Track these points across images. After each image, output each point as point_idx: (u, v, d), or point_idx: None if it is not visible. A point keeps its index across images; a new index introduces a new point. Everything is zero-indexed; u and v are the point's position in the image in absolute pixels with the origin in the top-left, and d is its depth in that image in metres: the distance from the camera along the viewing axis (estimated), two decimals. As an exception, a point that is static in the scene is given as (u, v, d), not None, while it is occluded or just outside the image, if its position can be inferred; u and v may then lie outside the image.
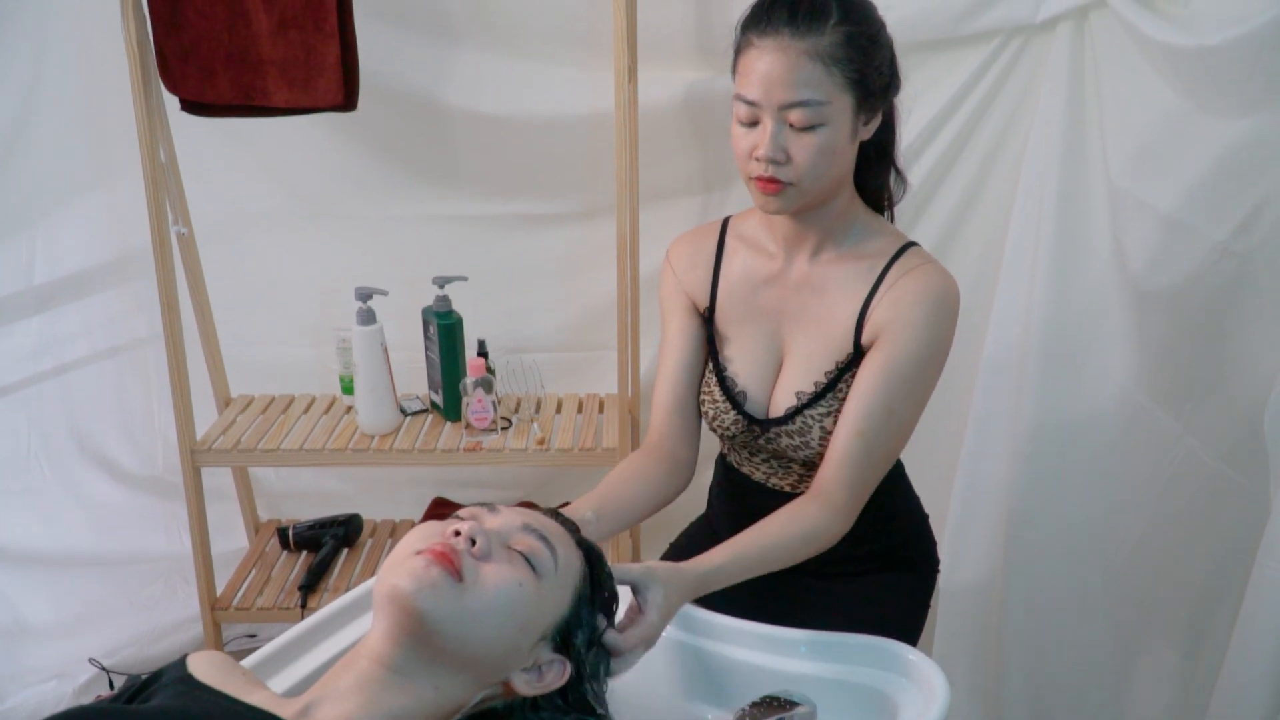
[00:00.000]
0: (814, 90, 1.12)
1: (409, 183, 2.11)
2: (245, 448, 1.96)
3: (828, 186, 1.19)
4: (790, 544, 1.17)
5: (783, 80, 1.12)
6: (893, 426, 1.21)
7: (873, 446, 1.20)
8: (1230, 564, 1.53)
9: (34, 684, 2.06)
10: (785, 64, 1.11)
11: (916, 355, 1.20)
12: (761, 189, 1.17)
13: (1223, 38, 1.36)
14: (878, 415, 1.20)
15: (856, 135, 1.19)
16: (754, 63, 1.14)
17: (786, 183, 1.16)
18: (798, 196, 1.17)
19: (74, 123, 2.08)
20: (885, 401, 1.19)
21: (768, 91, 1.13)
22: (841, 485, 1.20)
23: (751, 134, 1.16)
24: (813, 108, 1.12)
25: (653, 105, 1.88)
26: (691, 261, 1.35)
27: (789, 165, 1.15)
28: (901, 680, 1.10)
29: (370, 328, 1.93)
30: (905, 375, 1.20)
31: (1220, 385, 1.52)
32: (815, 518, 1.18)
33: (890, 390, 1.19)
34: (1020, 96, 1.81)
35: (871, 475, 1.22)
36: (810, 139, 1.13)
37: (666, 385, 1.36)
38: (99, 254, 2.21)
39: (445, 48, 1.97)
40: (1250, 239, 1.41)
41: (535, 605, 0.88)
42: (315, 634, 1.13)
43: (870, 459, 1.21)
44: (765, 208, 1.20)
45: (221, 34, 1.72)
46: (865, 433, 1.20)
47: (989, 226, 1.89)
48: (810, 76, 1.11)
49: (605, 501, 1.21)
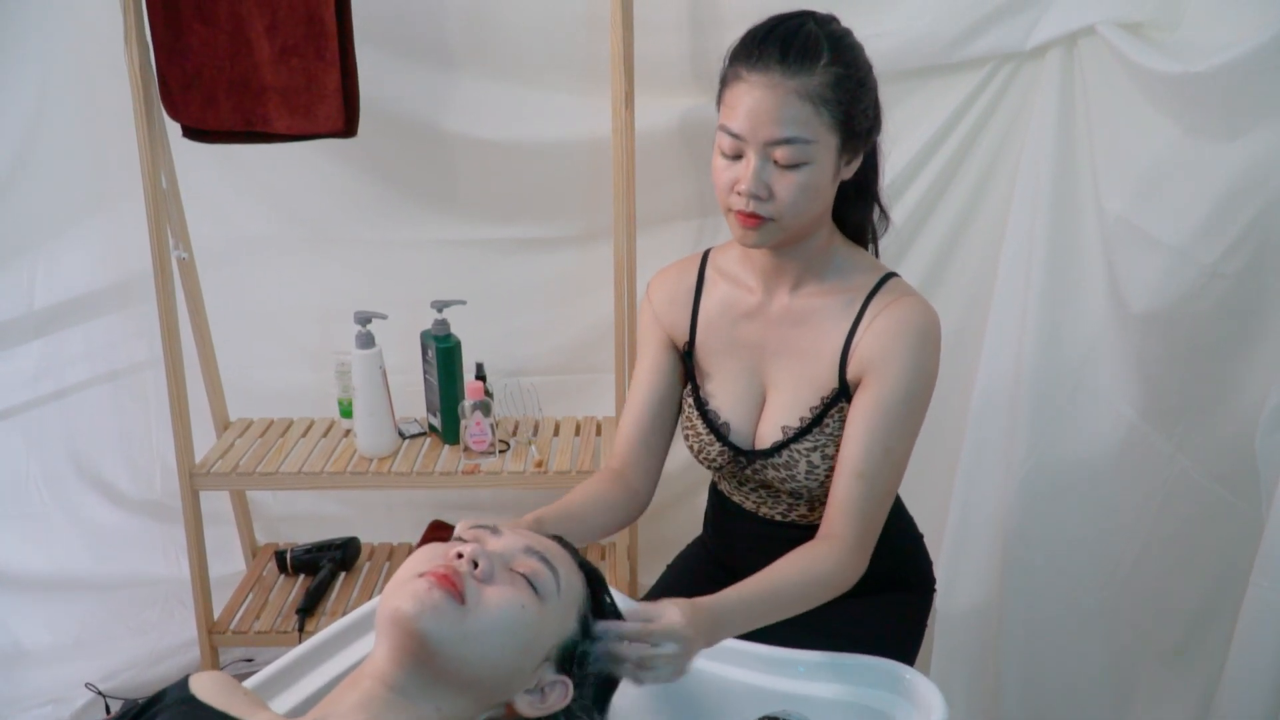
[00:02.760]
0: (801, 129, 1.12)
1: (408, 207, 2.12)
2: (243, 471, 1.96)
3: (807, 224, 1.20)
4: (808, 589, 1.16)
5: (770, 117, 1.12)
6: (891, 462, 1.21)
7: (875, 486, 1.20)
8: (1225, 583, 1.53)
9: (30, 709, 2.05)
10: (774, 101, 1.12)
11: (906, 391, 1.20)
12: (741, 222, 1.18)
13: (1210, 64, 1.38)
14: (876, 455, 1.20)
15: (838, 175, 1.19)
16: (742, 96, 1.14)
17: (767, 218, 1.16)
18: (777, 231, 1.18)
19: (76, 148, 2.09)
20: (882, 440, 1.20)
21: (754, 127, 1.13)
22: (850, 529, 1.20)
23: (734, 167, 1.16)
24: (799, 146, 1.13)
25: (649, 131, 1.89)
26: (671, 297, 1.36)
27: (771, 201, 1.15)
28: (899, 700, 1.11)
29: (369, 351, 1.94)
30: (898, 412, 1.20)
31: (1212, 406, 1.53)
32: (829, 561, 1.18)
33: (886, 429, 1.20)
34: (1011, 123, 1.83)
35: (877, 514, 1.22)
36: (794, 176, 1.14)
37: (632, 418, 1.36)
38: (100, 278, 2.21)
39: (444, 74, 1.99)
40: (1240, 261, 1.43)
41: (538, 627, 0.89)
42: (315, 656, 1.14)
43: (874, 498, 1.21)
44: (744, 241, 1.20)
45: (223, 61, 1.74)
46: (866, 474, 1.20)
47: (982, 250, 1.91)
48: (798, 115, 1.12)
49: (565, 517, 1.20)
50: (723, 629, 1.07)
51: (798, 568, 1.16)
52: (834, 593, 1.18)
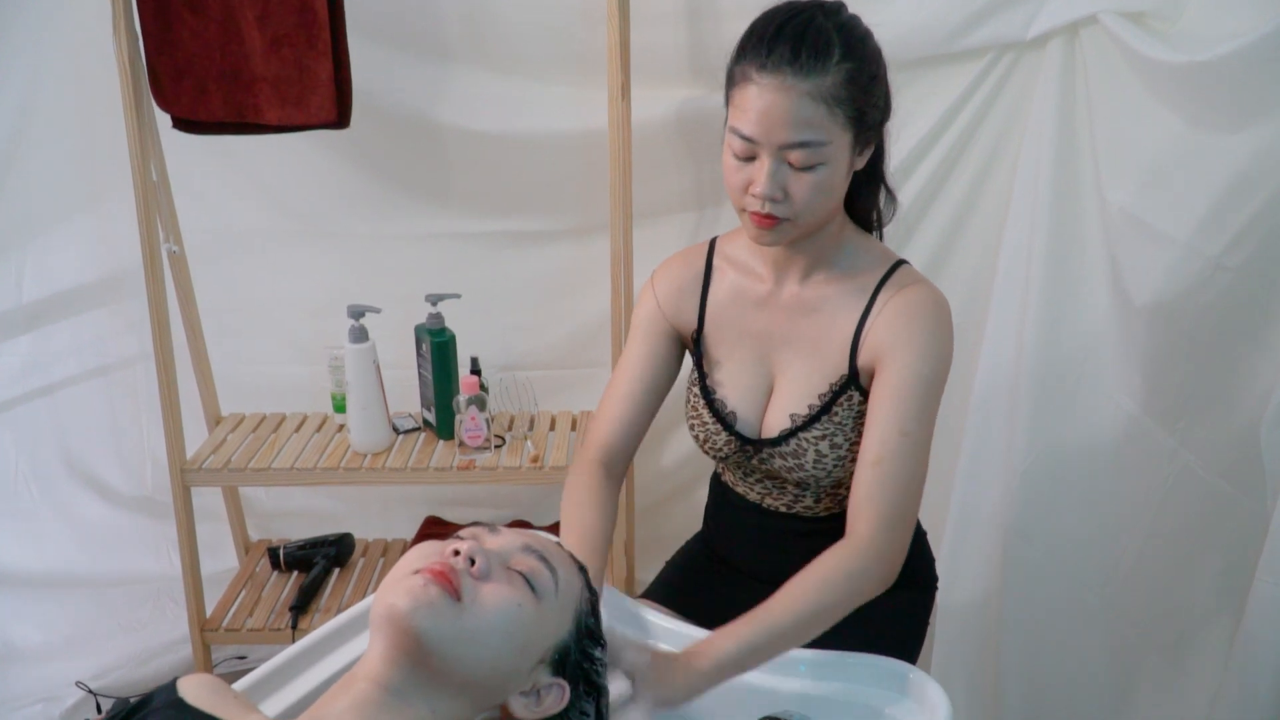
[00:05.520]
0: (816, 131, 1.10)
1: (402, 200, 2.11)
2: (236, 467, 1.95)
3: (821, 219, 1.18)
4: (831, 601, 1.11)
5: (783, 120, 1.09)
6: (908, 447, 1.17)
7: (893, 472, 1.16)
8: (1229, 579, 1.52)
9: (20, 708, 2.03)
10: (787, 104, 1.09)
11: (919, 373, 1.18)
12: (757, 223, 1.16)
13: (1214, 54, 1.37)
14: (891, 439, 1.17)
15: (852, 168, 1.18)
16: (753, 99, 1.10)
17: (783, 218, 1.15)
18: (792, 230, 1.17)
19: (66, 140, 2.07)
20: (897, 424, 1.17)
21: (768, 131, 1.10)
22: (870, 522, 1.15)
23: (747, 168, 1.14)
24: (813, 148, 1.10)
25: (646, 123, 1.88)
26: (678, 286, 1.33)
27: (786, 202, 1.13)
28: (902, 698, 1.10)
29: (363, 345, 1.92)
30: (912, 394, 1.18)
31: (1216, 400, 1.52)
32: (848, 562, 1.13)
33: (900, 412, 1.17)
34: (1012, 113, 1.81)
35: (901, 501, 1.17)
36: (809, 177, 1.12)
37: (621, 403, 1.31)
38: (89, 272, 2.20)
39: (438, 65, 1.97)
40: (1244, 253, 1.41)
41: (535, 627, 0.87)
42: (308, 656, 1.12)
43: (895, 485, 1.16)
44: (759, 240, 1.19)
45: (214, 51, 1.72)
46: (882, 459, 1.17)
47: (982, 242, 1.90)
48: (812, 117, 1.09)
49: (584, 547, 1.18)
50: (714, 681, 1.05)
51: (815, 581, 1.12)
52: (868, 594, 1.14)
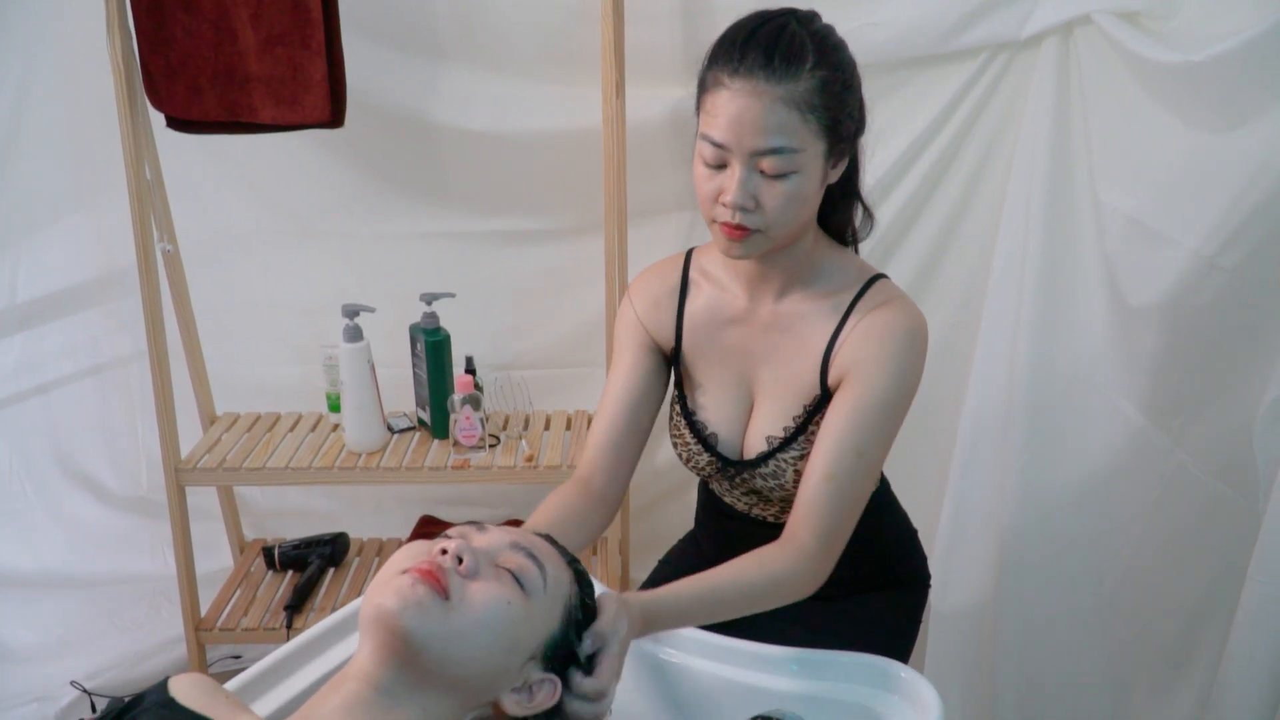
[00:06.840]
0: (788, 138, 1.07)
1: (396, 200, 2.10)
2: (230, 466, 1.94)
3: (794, 231, 1.16)
4: (754, 592, 1.12)
5: (755, 126, 1.07)
6: (863, 468, 1.16)
7: (844, 490, 1.15)
8: (1223, 579, 1.52)
9: (15, 707, 2.03)
10: (759, 109, 1.06)
11: (884, 395, 1.16)
12: (727, 234, 1.13)
13: (1209, 53, 1.37)
14: (848, 459, 1.15)
15: (825, 180, 1.15)
16: (724, 104, 1.08)
17: (754, 229, 1.12)
18: (764, 242, 1.14)
19: (59, 140, 2.07)
20: (854, 444, 1.15)
21: (739, 137, 1.08)
22: (814, 532, 1.14)
23: (718, 177, 1.12)
24: (786, 155, 1.08)
25: (640, 122, 1.87)
26: (654, 300, 1.31)
27: (757, 212, 1.11)
28: (894, 698, 1.09)
29: (357, 345, 1.92)
30: (874, 416, 1.16)
31: (1210, 400, 1.52)
32: (784, 565, 1.13)
33: (859, 432, 1.15)
34: (1006, 113, 1.81)
35: (845, 519, 1.17)
36: (781, 186, 1.09)
37: (606, 421, 1.29)
38: (83, 271, 2.19)
39: (433, 65, 1.96)
40: (1239, 254, 1.41)
41: (524, 624, 0.87)
42: (300, 656, 1.12)
43: (842, 502, 1.16)
44: (729, 252, 1.16)
45: (208, 51, 1.72)
46: (835, 476, 1.15)
47: (977, 242, 1.90)
48: (785, 123, 1.07)
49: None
50: (653, 626, 1.05)
51: (748, 571, 1.12)
52: (789, 598, 1.14)
